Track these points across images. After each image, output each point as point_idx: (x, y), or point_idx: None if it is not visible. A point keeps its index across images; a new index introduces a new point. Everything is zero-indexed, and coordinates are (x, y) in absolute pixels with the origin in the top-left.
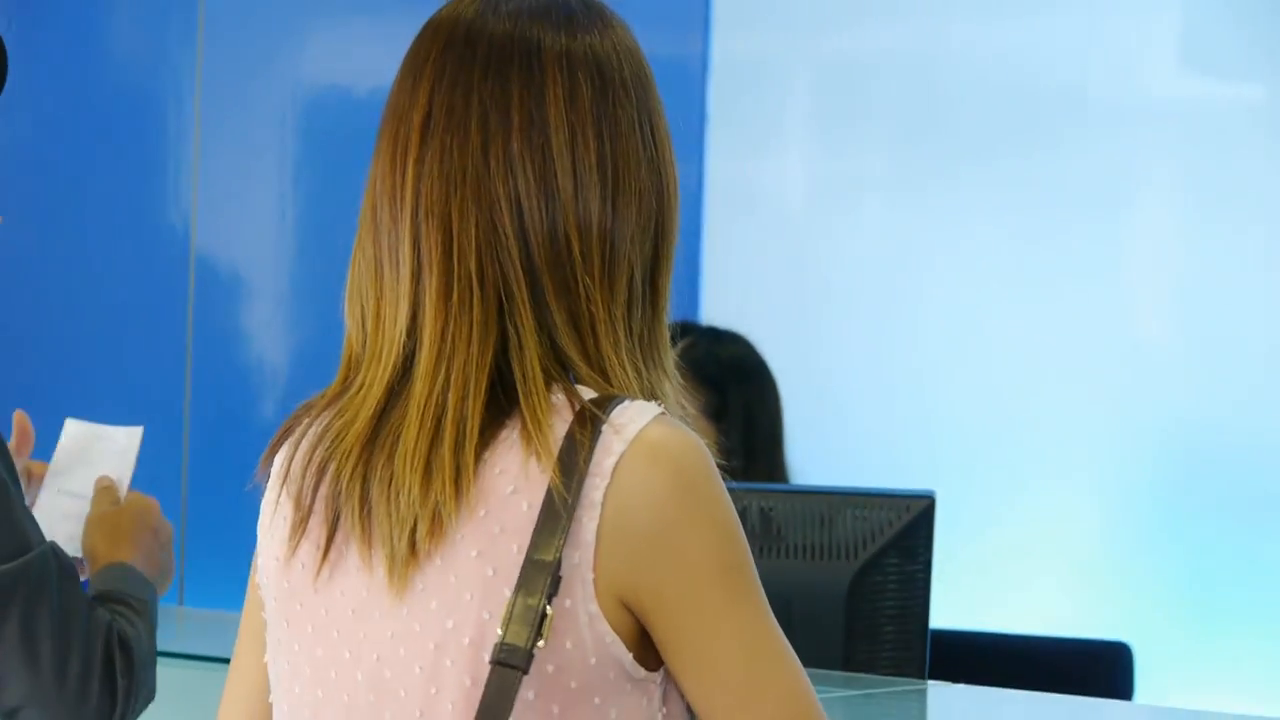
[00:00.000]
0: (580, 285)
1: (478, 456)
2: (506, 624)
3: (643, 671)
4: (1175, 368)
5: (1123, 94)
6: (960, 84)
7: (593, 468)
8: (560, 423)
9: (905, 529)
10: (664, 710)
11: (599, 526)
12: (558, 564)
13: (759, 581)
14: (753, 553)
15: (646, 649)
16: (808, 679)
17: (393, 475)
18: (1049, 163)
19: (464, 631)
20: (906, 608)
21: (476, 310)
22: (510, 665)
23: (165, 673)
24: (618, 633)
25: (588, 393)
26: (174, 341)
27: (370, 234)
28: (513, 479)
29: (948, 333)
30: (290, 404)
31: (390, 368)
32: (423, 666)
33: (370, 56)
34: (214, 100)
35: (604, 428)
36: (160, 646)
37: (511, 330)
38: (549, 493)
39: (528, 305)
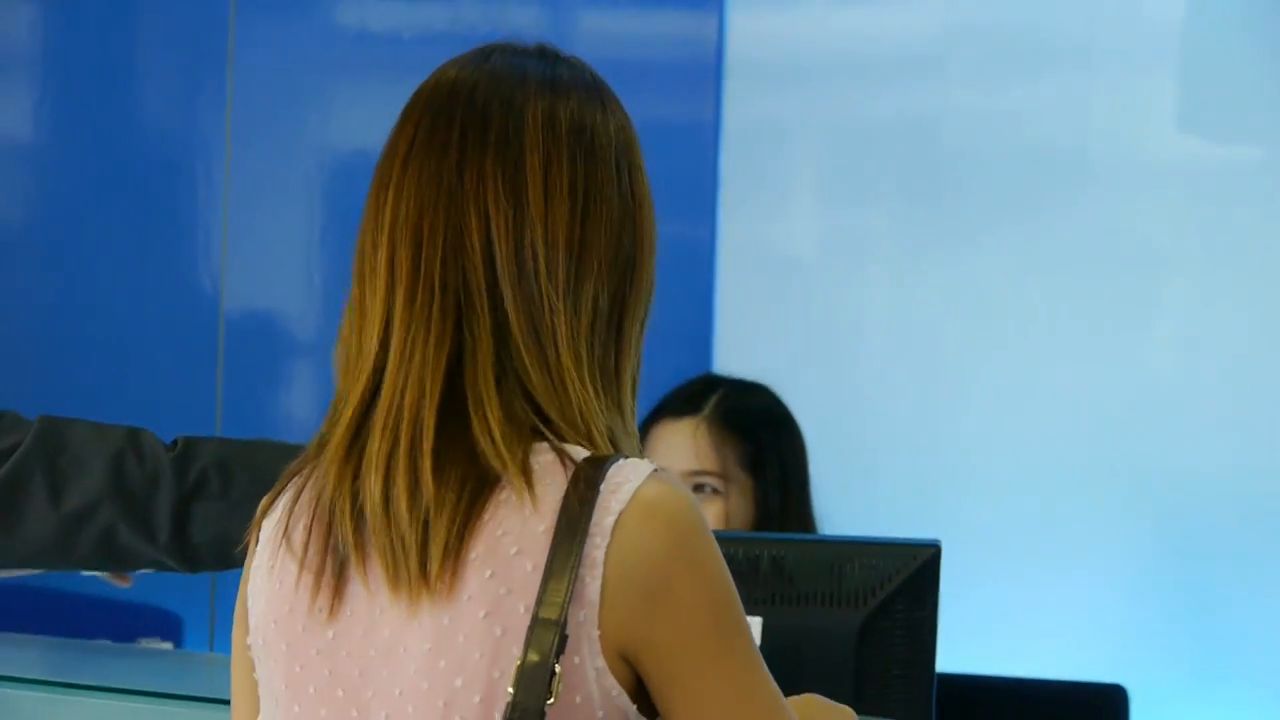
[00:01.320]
0: (543, 298)
1: (477, 514)
2: (518, 683)
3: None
4: (1177, 421)
5: (1122, 155)
6: (963, 146)
7: (593, 527)
8: (554, 482)
9: (912, 576)
10: None
11: (602, 584)
12: (564, 623)
13: (749, 629)
14: (766, 600)
15: (645, 699)
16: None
17: (368, 491)
18: (1050, 221)
19: (474, 690)
20: (913, 653)
21: (435, 316)
22: None
23: (197, 715)
24: (622, 685)
25: (580, 451)
26: (204, 399)
27: (355, 271)
28: (515, 540)
29: (951, 384)
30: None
31: (365, 382)
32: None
33: (390, 122)
34: (243, 166)
35: (601, 487)
36: (189, 691)
37: (467, 336)
38: (551, 553)
39: (485, 313)
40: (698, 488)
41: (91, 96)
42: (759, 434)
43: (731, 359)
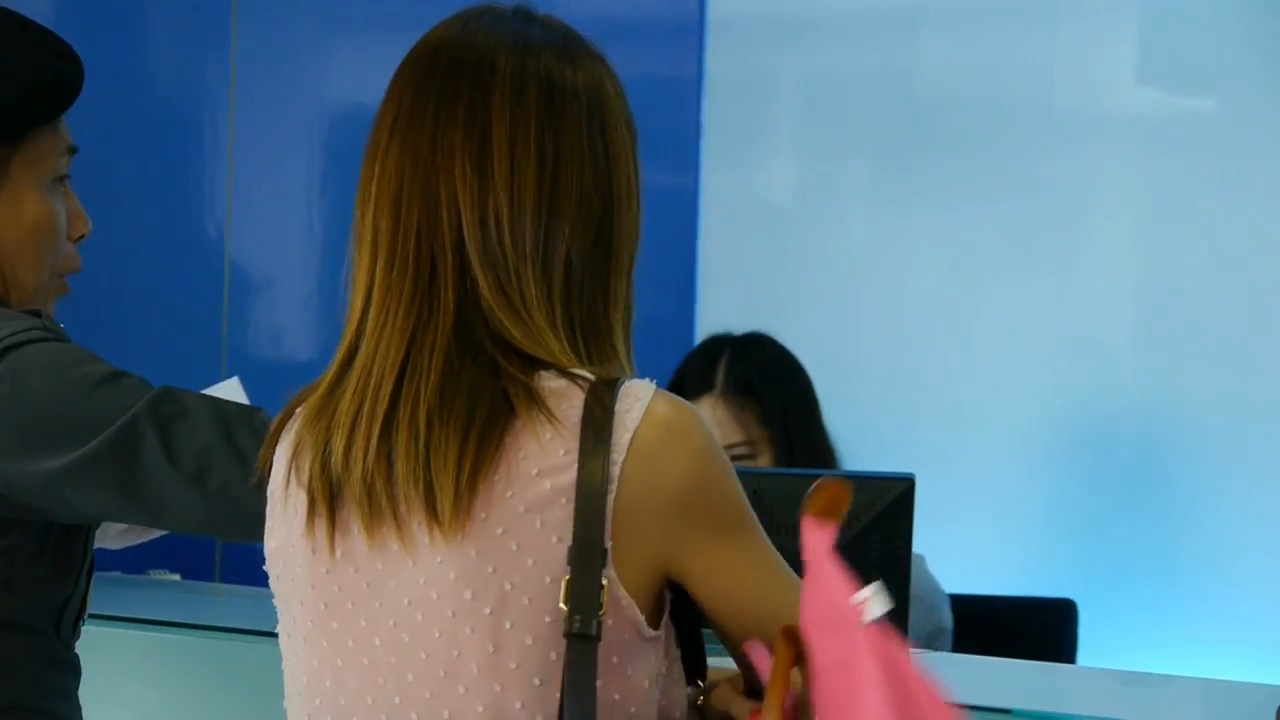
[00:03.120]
0: (508, 262)
1: (488, 448)
2: (569, 600)
3: (651, 631)
4: (1129, 358)
5: (1084, 107)
6: (935, 98)
7: (612, 444)
8: (570, 404)
9: (887, 509)
10: (665, 663)
11: (617, 500)
12: (604, 539)
13: (756, 524)
14: None
15: (653, 610)
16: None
17: (338, 444)
18: (1017, 170)
19: (485, 602)
20: (889, 582)
21: (408, 285)
22: (586, 636)
23: (205, 644)
24: (633, 597)
25: (585, 374)
26: (210, 342)
27: (351, 236)
28: (536, 462)
29: (924, 326)
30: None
31: (347, 343)
32: (442, 632)
33: (390, 74)
34: (247, 117)
35: (616, 405)
36: (196, 620)
37: (436, 303)
38: (580, 473)
39: (449, 282)
40: (735, 458)
41: (98, 50)
42: (769, 391)
43: (713, 304)
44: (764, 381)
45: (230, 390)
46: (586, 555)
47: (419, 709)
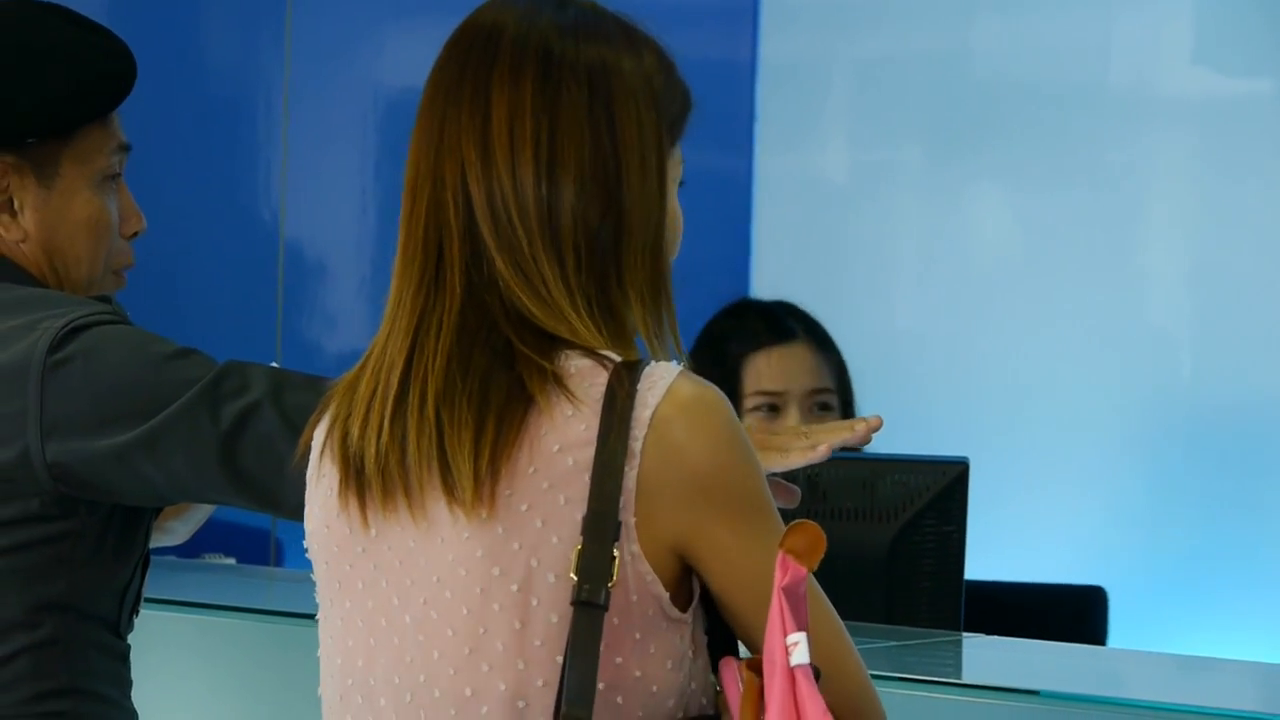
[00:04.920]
0: (523, 244)
1: (509, 426)
2: (580, 569)
3: (676, 612)
4: (1184, 343)
5: (1139, 88)
6: (989, 81)
7: (634, 421)
8: (592, 383)
9: (941, 492)
10: (692, 647)
11: (639, 474)
12: (616, 512)
13: (774, 509)
14: (800, 515)
15: (679, 592)
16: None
17: (354, 425)
18: (1072, 153)
19: (511, 579)
20: (943, 565)
21: (415, 268)
22: (594, 605)
23: (259, 629)
24: (658, 574)
25: (611, 355)
26: (265, 325)
27: None
28: (557, 438)
29: (979, 310)
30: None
31: (376, 336)
32: (470, 609)
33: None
34: (301, 101)
35: (638, 385)
36: (251, 604)
37: (443, 287)
38: (599, 446)
39: (456, 265)
40: (824, 406)
41: (155, 35)
42: (837, 354)
43: (767, 287)
44: (834, 346)
45: None
46: (598, 526)
47: (442, 687)
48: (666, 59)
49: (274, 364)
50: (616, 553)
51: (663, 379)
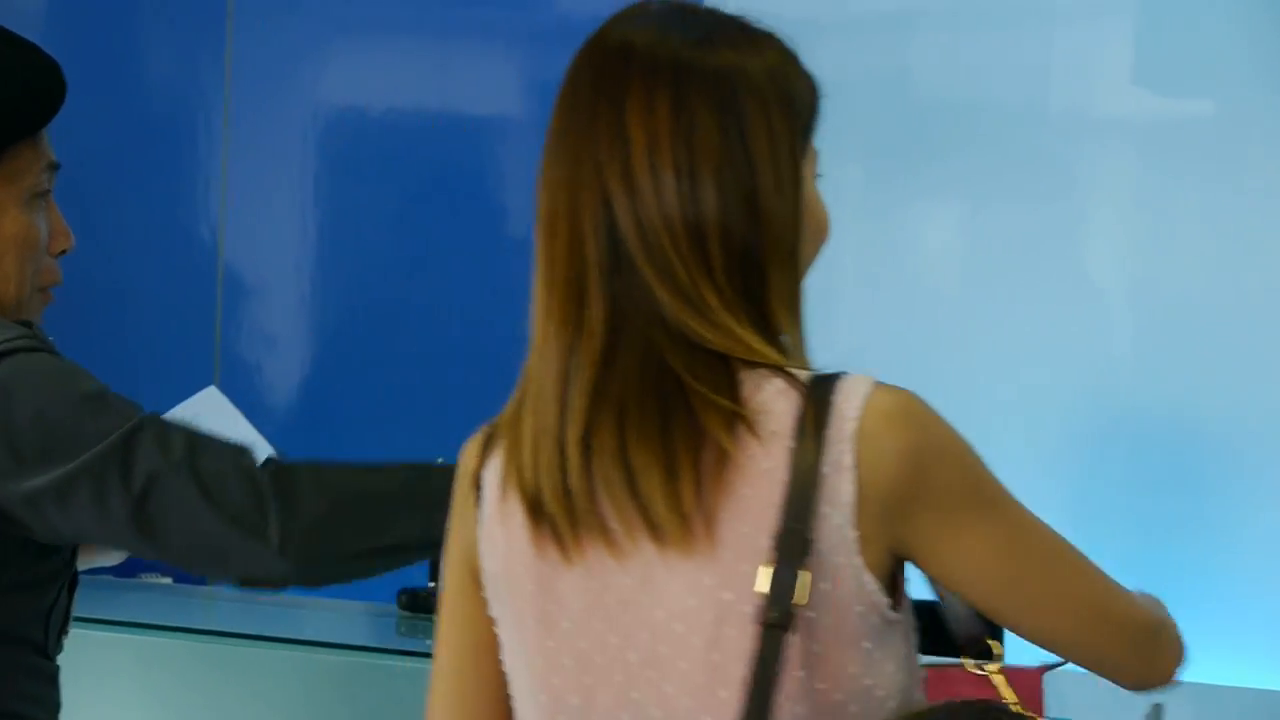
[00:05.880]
0: (682, 272)
1: (693, 452)
2: (771, 587)
3: (893, 614)
4: (1126, 361)
5: (1080, 109)
6: (930, 100)
7: (835, 435)
8: (786, 400)
9: None
10: (907, 645)
11: (856, 487)
12: (813, 529)
13: (1009, 492)
14: None
15: (893, 592)
16: (1085, 559)
17: (527, 461)
18: (1010, 172)
19: (745, 601)
20: None
21: (557, 304)
22: (777, 626)
23: (196, 649)
24: (880, 582)
25: (798, 371)
26: (203, 345)
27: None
28: (768, 457)
29: (922, 328)
30: (315, 406)
31: (525, 364)
32: (703, 639)
33: (385, 77)
34: (241, 120)
35: (835, 399)
36: (187, 624)
37: (583, 323)
38: (796, 465)
39: (599, 298)
40: None
41: (92, 53)
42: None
43: None
44: None
45: (208, 400)
46: (789, 545)
47: (679, 719)
48: (789, 51)
49: (211, 386)
50: (807, 571)
51: (859, 390)
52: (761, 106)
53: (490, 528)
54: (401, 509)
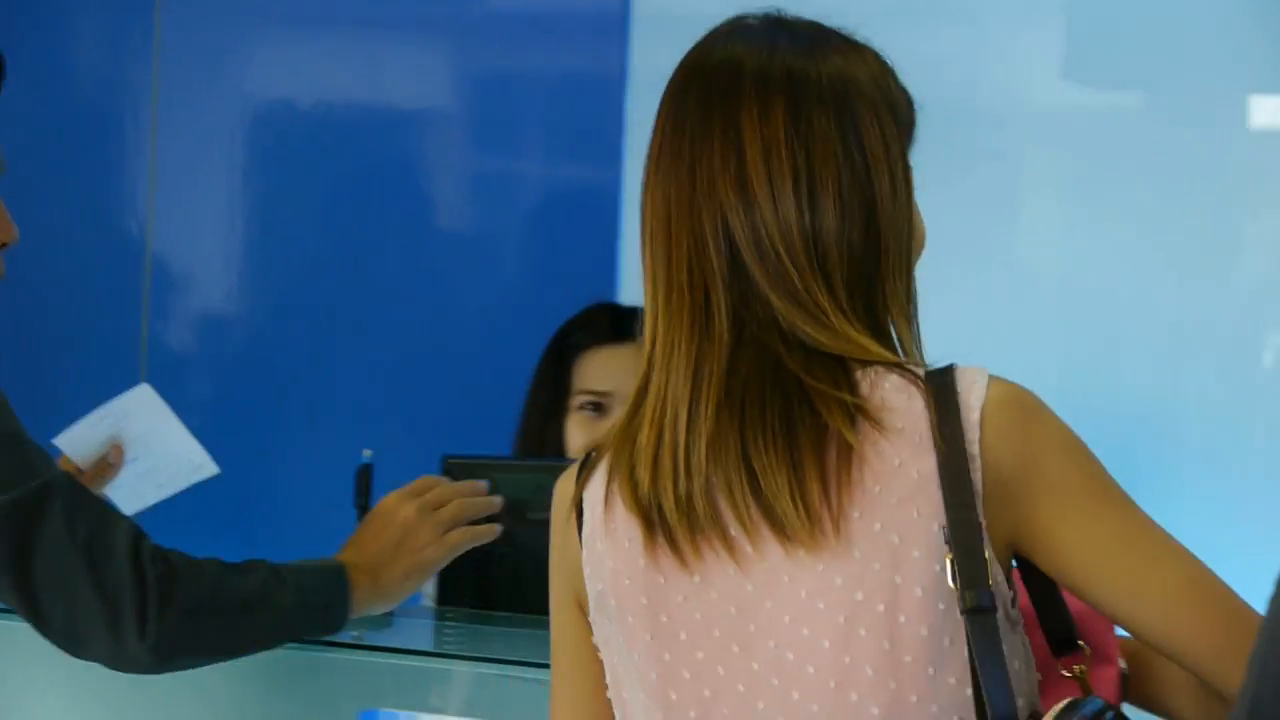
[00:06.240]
0: (795, 278)
1: (817, 451)
2: (958, 577)
3: (1014, 611)
4: (1056, 353)
5: (1009, 102)
6: None
7: (965, 425)
8: (907, 396)
9: None
10: (1026, 648)
11: (983, 477)
12: (977, 514)
13: (1119, 485)
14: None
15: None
16: (1192, 554)
17: (643, 475)
18: (941, 165)
19: (877, 599)
20: None
21: (685, 314)
22: (982, 609)
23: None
24: (1005, 574)
25: (913, 366)
26: (130, 336)
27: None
28: (896, 453)
29: None
30: (242, 398)
31: (641, 374)
32: (832, 641)
33: (314, 70)
34: (169, 111)
35: (958, 389)
36: None
37: (711, 330)
38: (941, 456)
39: (723, 307)
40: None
41: (18, 43)
42: None
43: (633, 296)
44: None
45: (141, 398)
46: (965, 531)
47: None
48: (887, 64)
49: (145, 384)
50: (988, 554)
51: (978, 380)
52: (874, 113)
53: (594, 547)
54: (257, 613)
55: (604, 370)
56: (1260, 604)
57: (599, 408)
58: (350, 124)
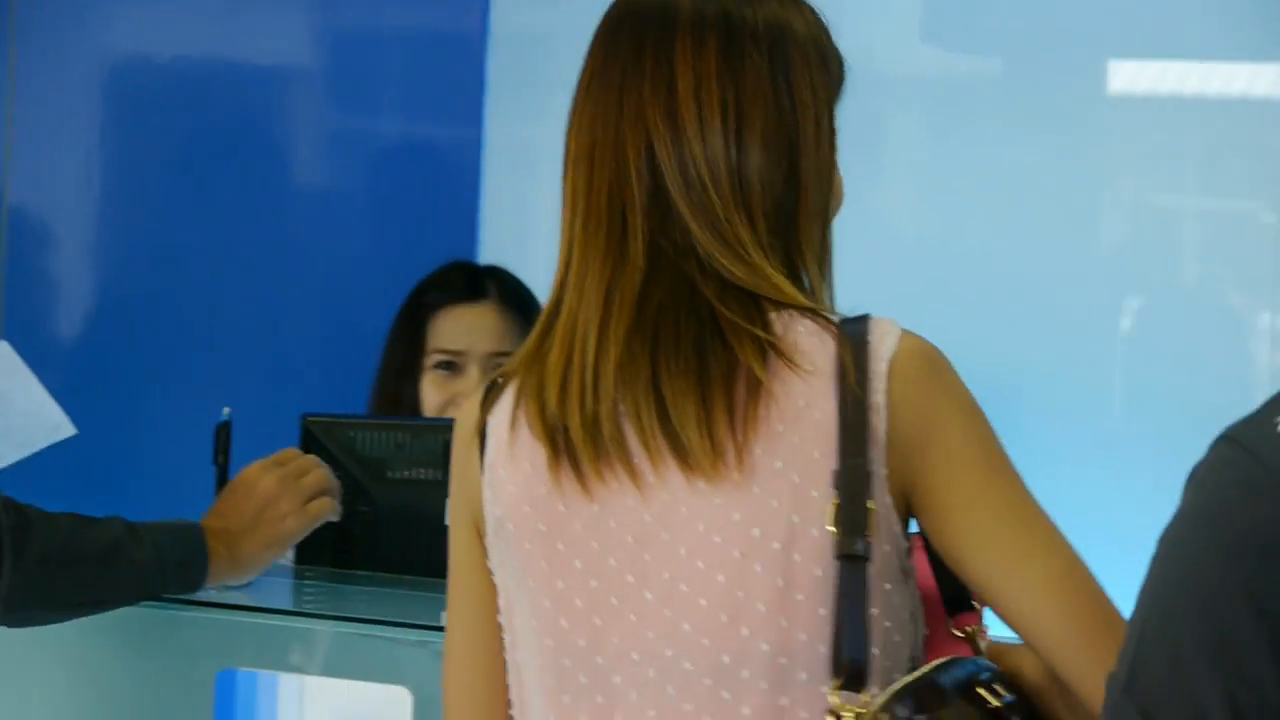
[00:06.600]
0: (718, 208)
1: (727, 384)
2: (839, 522)
3: (909, 563)
4: (915, 317)
5: (869, 67)
6: None
7: (871, 374)
8: (819, 340)
9: None
10: (915, 599)
11: (888, 427)
12: (868, 463)
13: (1012, 464)
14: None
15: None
16: (1070, 547)
17: (551, 396)
18: None
19: (773, 538)
20: None
21: (601, 238)
22: (856, 556)
23: None
24: (902, 526)
25: (827, 312)
26: None
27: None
28: (804, 394)
29: None
30: (100, 355)
31: (551, 297)
32: (727, 575)
33: (174, 25)
34: (27, 66)
35: (870, 339)
36: None
37: (626, 256)
38: (843, 403)
39: (639, 234)
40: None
41: None
42: (533, 316)
43: (494, 253)
44: (532, 307)
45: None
46: (853, 478)
47: (695, 658)
48: (823, 22)
49: (3, 342)
50: (871, 505)
51: (891, 332)
52: (805, 61)
53: (495, 472)
54: (112, 567)
55: (458, 330)
56: (1117, 566)
57: (452, 366)
58: (210, 80)
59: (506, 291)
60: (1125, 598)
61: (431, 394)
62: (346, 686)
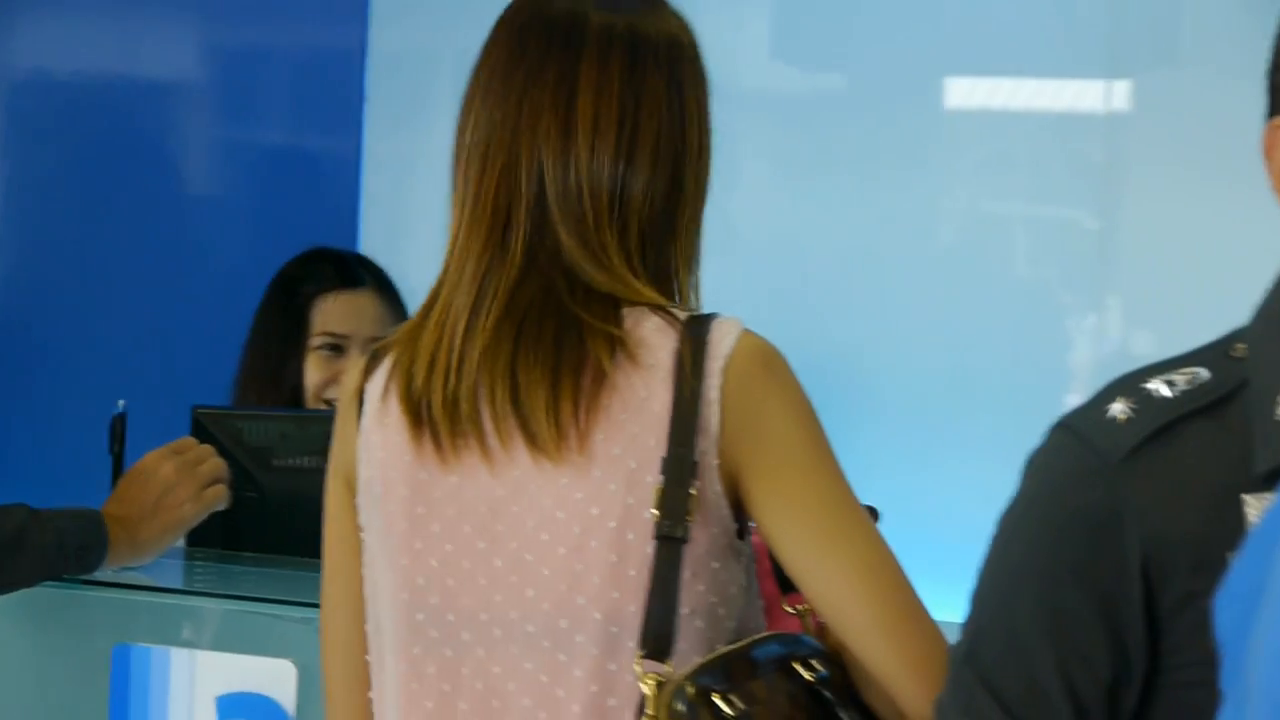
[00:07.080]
0: (589, 216)
1: (576, 375)
2: (661, 506)
3: (739, 542)
4: (765, 318)
5: (720, 83)
6: None
7: (707, 370)
8: (664, 336)
9: None
10: (748, 576)
11: (720, 419)
12: (693, 453)
13: (835, 460)
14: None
15: (738, 523)
16: (882, 543)
17: (419, 373)
18: None
19: (609, 517)
20: None
21: (482, 233)
22: (674, 538)
23: None
24: (731, 509)
25: (681, 312)
26: None
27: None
28: (644, 386)
29: None
30: (2, 348)
31: (435, 285)
32: (567, 548)
33: (70, 40)
34: None
35: (710, 337)
36: None
37: (506, 252)
38: (678, 395)
39: (521, 233)
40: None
41: None
42: (403, 308)
43: (373, 257)
44: (399, 296)
45: None
46: (677, 466)
47: (538, 622)
48: (695, 35)
49: None
50: (694, 491)
51: (731, 331)
52: (695, 76)
53: (369, 436)
54: (16, 553)
55: (344, 313)
56: (949, 549)
57: (337, 348)
58: (105, 92)
59: (382, 280)
60: (953, 579)
61: (314, 374)
62: (234, 660)
